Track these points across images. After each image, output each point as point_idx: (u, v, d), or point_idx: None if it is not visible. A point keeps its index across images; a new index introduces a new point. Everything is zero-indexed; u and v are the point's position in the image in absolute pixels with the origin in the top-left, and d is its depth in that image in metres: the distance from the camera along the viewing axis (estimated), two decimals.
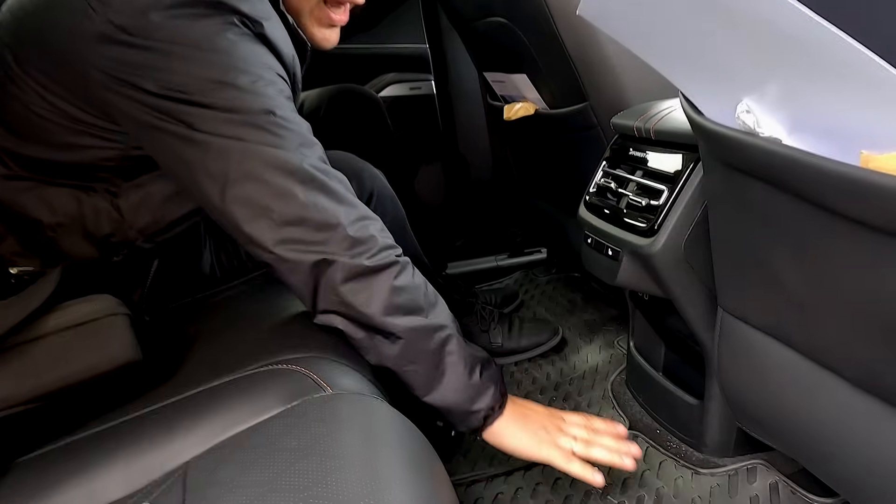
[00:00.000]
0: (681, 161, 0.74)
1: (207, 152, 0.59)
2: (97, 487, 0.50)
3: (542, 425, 0.72)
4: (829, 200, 0.39)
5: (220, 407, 0.55)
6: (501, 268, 1.61)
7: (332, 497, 0.41)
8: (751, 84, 0.44)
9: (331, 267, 0.61)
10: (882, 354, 0.46)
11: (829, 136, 0.41)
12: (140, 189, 0.69)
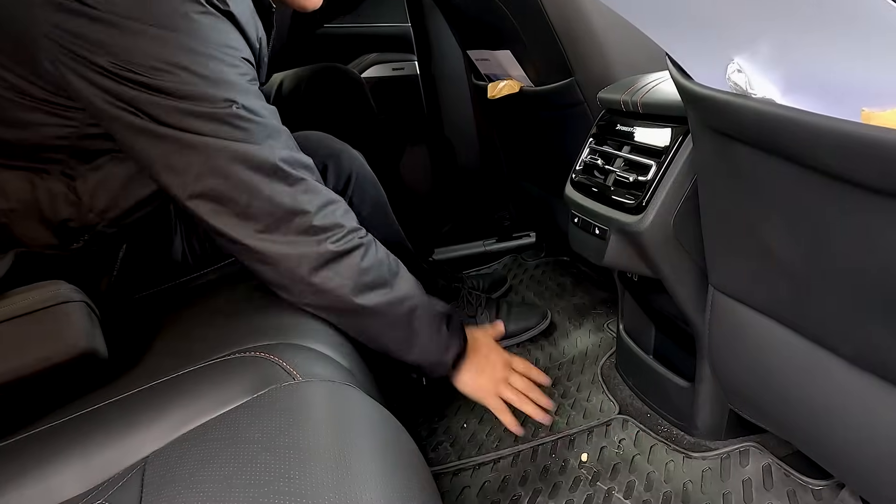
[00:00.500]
0: (669, 134, 0.71)
1: (169, 147, 0.58)
2: (53, 485, 0.47)
3: (492, 377, 0.80)
4: (826, 162, 0.36)
5: (184, 398, 0.52)
6: (490, 253, 1.58)
7: (295, 492, 0.38)
8: (742, 41, 0.41)
9: (299, 256, 0.62)
10: (882, 327, 0.44)
11: (828, 94, 0.38)
12: (99, 171, 0.65)
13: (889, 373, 0.47)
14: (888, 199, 0.34)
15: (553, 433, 0.91)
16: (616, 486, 0.80)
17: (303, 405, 0.47)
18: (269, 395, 0.49)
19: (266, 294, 0.70)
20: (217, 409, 0.49)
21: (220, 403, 0.50)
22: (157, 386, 0.54)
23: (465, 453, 0.90)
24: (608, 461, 0.84)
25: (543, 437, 0.90)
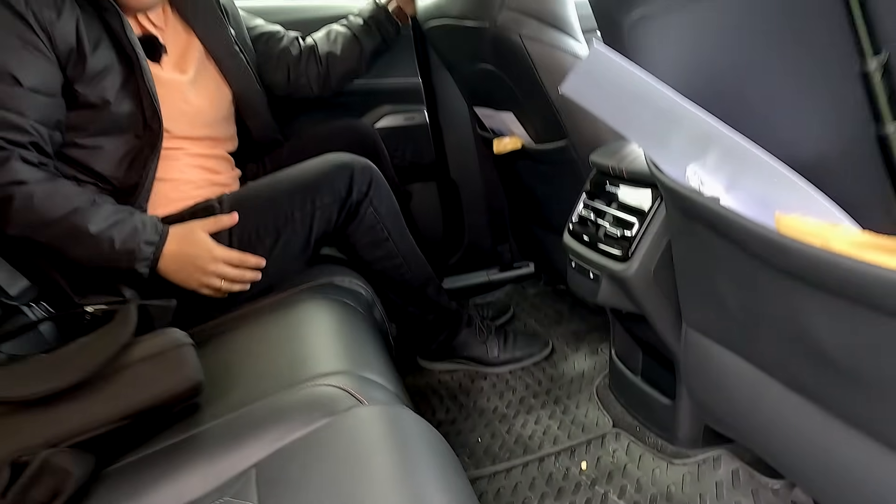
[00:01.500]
0: (650, 197, 0.87)
1: None
2: (181, 488, 0.61)
3: (199, 264, 0.95)
4: (750, 248, 0.52)
5: (276, 418, 0.66)
6: (493, 282, 1.74)
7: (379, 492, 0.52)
8: (694, 156, 0.58)
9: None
10: (805, 364, 0.59)
11: (756, 197, 0.55)
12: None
13: (814, 398, 0.63)
14: (792, 277, 0.50)
15: (556, 445, 1.06)
16: (611, 490, 0.95)
17: (373, 425, 0.62)
18: (346, 417, 0.64)
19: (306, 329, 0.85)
20: (306, 427, 0.64)
21: (307, 423, 0.64)
22: (253, 409, 0.68)
23: (481, 464, 1.05)
24: (604, 468, 0.99)
25: (548, 449, 1.05)
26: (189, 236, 0.97)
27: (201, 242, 0.97)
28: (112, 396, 0.62)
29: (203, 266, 0.96)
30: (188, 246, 0.96)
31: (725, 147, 0.49)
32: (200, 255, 0.96)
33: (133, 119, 0.98)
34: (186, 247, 0.96)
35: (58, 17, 0.90)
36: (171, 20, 1.11)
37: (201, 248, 0.96)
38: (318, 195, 1.02)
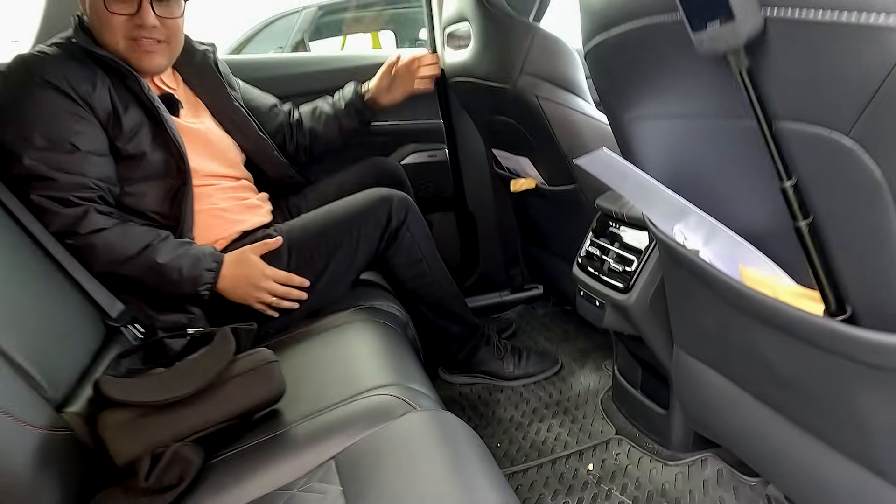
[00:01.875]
0: (647, 239, 1.04)
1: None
2: (274, 475, 0.77)
3: (253, 283, 1.12)
4: (720, 293, 0.69)
5: (345, 422, 0.82)
6: (505, 302, 1.91)
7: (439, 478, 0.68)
8: (677, 217, 0.75)
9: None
10: (768, 384, 0.76)
11: (725, 252, 0.72)
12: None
13: (780, 409, 0.79)
14: (751, 316, 0.67)
15: (566, 449, 1.22)
16: (614, 487, 1.11)
17: (426, 427, 0.78)
18: (403, 420, 0.80)
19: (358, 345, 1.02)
20: (371, 428, 0.80)
21: (371, 425, 0.80)
22: (325, 414, 0.85)
23: (501, 465, 1.21)
24: (608, 469, 1.15)
25: (559, 453, 1.22)
26: (242, 258, 1.14)
27: (253, 263, 1.13)
28: (221, 402, 0.79)
29: (256, 283, 1.12)
30: (242, 267, 1.13)
31: (697, 217, 0.66)
32: (253, 273, 1.13)
33: (166, 165, 1.13)
34: (240, 268, 1.13)
35: (94, 89, 1.06)
36: (179, 81, 1.29)
37: (253, 268, 1.13)
38: (362, 225, 1.20)
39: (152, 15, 1.09)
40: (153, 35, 1.11)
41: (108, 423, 0.75)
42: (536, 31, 1.21)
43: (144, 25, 1.09)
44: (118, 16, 1.08)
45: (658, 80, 0.61)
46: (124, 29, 1.09)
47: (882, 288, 0.51)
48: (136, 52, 1.11)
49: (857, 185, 0.46)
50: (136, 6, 1.08)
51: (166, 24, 1.12)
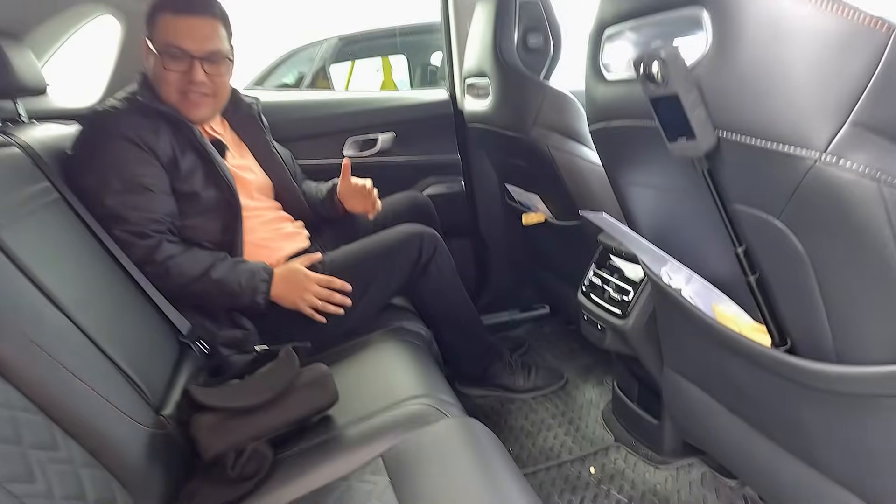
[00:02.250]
0: (642, 272, 1.21)
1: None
2: (333, 468, 0.93)
3: (301, 287, 1.28)
4: (697, 325, 0.86)
5: (387, 426, 0.99)
6: (514, 321, 2.08)
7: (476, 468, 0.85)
8: (662, 262, 0.92)
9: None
10: (739, 400, 0.93)
11: (702, 290, 0.89)
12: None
13: (746, 419, 0.96)
14: (720, 346, 0.84)
15: (571, 455, 1.39)
16: (613, 488, 1.27)
17: (457, 431, 0.95)
18: (437, 425, 0.96)
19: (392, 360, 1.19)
20: (410, 431, 0.96)
21: (410, 429, 0.97)
22: (370, 419, 1.02)
23: None
24: (608, 472, 1.32)
25: (565, 458, 1.38)
26: (290, 268, 1.31)
27: (299, 270, 1.30)
28: (289, 407, 0.96)
29: (303, 287, 1.29)
30: (290, 274, 1.30)
31: (676, 264, 0.84)
32: (300, 279, 1.29)
33: (218, 201, 1.31)
34: (289, 275, 1.30)
35: (157, 138, 1.24)
36: (227, 126, 1.47)
37: (300, 275, 1.30)
38: (396, 258, 1.37)
39: (201, 72, 1.27)
40: (201, 89, 1.29)
41: (200, 424, 0.92)
42: (548, 89, 1.39)
43: (194, 81, 1.27)
44: (174, 72, 1.27)
45: (643, 162, 0.79)
46: (178, 83, 1.27)
47: (811, 327, 0.68)
48: (186, 103, 1.29)
49: (788, 253, 0.63)
50: (188, 65, 1.27)
51: (213, 80, 1.30)
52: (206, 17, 1.28)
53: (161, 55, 1.24)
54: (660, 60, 0.59)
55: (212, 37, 1.28)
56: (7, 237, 0.86)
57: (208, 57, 1.27)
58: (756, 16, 0.55)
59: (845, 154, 0.53)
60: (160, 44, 1.25)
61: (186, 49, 1.25)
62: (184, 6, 1.26)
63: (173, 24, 1.25)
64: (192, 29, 1.26)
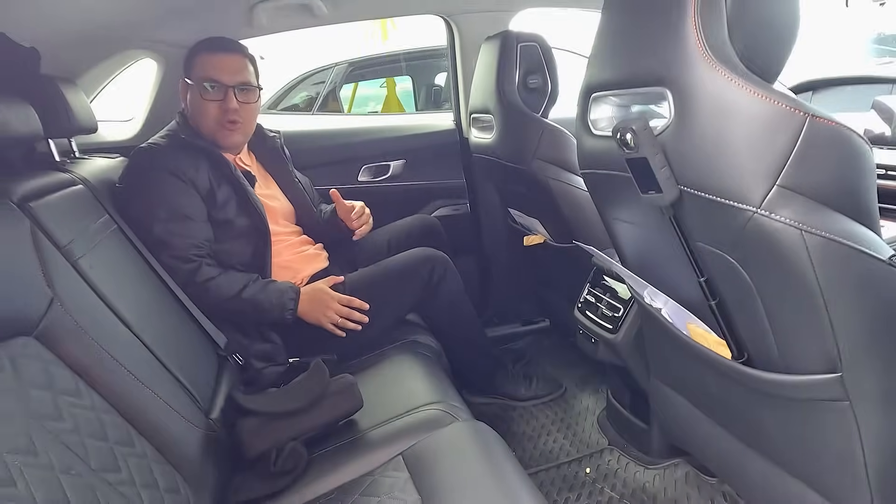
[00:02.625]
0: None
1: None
2: (359, 465, 1.07)
3: (324, 305, 1.42)
4: (675, 341, 1.01)
5: (407, 428, 1.13)
6: (516, 334, 2.22)
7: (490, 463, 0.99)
8: (644, 286, 1.07)
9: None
10: (713, 405, 1.07)
11: (677, 311, 1.03)
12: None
13: (720, 423, 1.10)
14: (694, 358, 0.98)
15: (568, 457, 1.53)
16: (606, 486, 1.41)
17: (467, 433, 1.09)
18: (450, 428, 1.10)
19: (407, 371, 1.33)
20: (426, 433, 1.10)
21: (426, 431, 1.10)
22: (391, 422, 1.16)
23: None
24: (602, 472, 1.45)
25: (563, 459, 1.52)
26: (315, 287, 1.46)
27: (324, 290, 1.45)
28: (321, 413, 1.11)
29: (326, 303, 1.43)
30: (315, 294, 1.44)
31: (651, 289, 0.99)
32: (324, 298, 1.43)
33: (249, 227, 1.46)
34: (315, 294, 1.44)
35: (196, 171, 1.40)
36: (253, 159, 1.63)
37: (324, 293, 1.44)
38: (409, 280, 1.52)
39: (234, 100, 1.43)
40: (234, 117, 1.45)
41: (245, 426, 1.06)
42: (546, 126, 1.54)
43: (229, 108, 1.43)
44: (211, 102, 1.43)
45: (624, 203, 0.94)
46: (214, 113, 1.43)
47: (762, 343, 0.82)
48: (222, 131, 1.45)
49: (739, 284, 0.78)
50: (223, 94, 1.43)
51: (244, 108, 1.46)
52: (237, 55, 1.46)
53: (199, 88, 1.41)
54: (632, 131, 0.74)
55: (242, 70, 1.45)
56: (85, 266, 1.01)
57: (240, 86, 1.44)
58: (706, 98, 0.70)
59: (775, 209, 0.67)
60: (198, 79, 1.42)
61: (221, 80, 1.42)
62: (218, 46, 1.45)
63: (210, 61, 1.43)
64: (226, 63, 1.43)
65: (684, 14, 0.71)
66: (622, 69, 0.84)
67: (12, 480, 0.66)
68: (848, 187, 0.68)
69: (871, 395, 0.75)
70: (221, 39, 1.47)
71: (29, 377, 0.79)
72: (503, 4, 1.91)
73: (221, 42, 1.46)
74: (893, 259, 0.68)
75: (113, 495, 0.79)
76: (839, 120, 0.67)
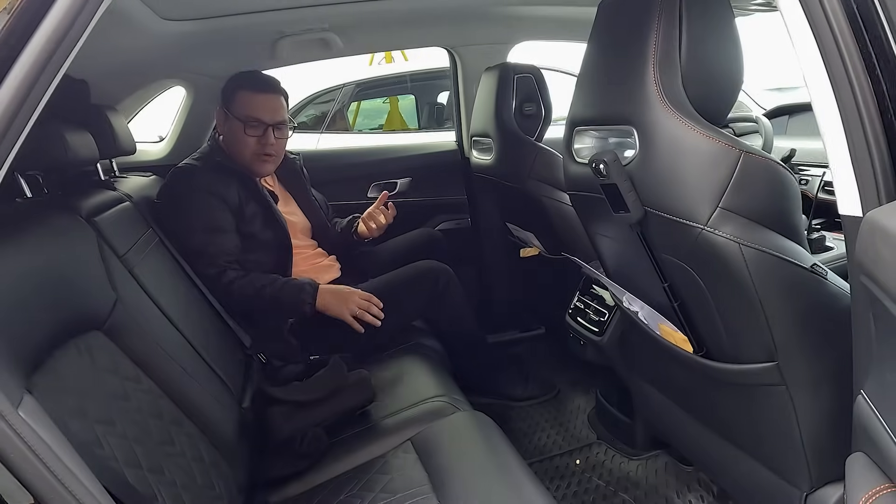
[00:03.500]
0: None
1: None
2: (372, 448, 1.22)
3: (340, 305, 1.54)
4: (650, 340, 1.16)
5: (415, 417, 1.28)
6: (514, 339, 2.37)
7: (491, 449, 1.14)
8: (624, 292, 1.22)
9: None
10: (686, 397, 1.22)
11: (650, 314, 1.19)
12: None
13: (694, 415, 1.25)
14: (667, 354, 1.14)
15: (560, 450, 1.68)
16: (594, 475, 1.56)
17: (469, 422, 1.23)
18: (453, 417, 1.25)
19: (415, 369, 1.49)
20: (432, 422, 1.25)
21: (432, 420, 1.25)
22: (401, 412, 1.31)
23: None
24: (591, 463, 1.60)
25: (555, 452, 1.67)
26: (338, 285, 1.61)
27: (346, 287, 1.60)
28: (341, 402, 1.26)
29: (348, 297, 1.56)
30: (338, 290, 1.58)
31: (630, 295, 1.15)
32: (346, 293, 1.57)
33: (273, 240, 1.62)
34: (337, 290, 1.58)
35: (227, 189, 1.56)
36: (275, 179, 1.80)
37: (346, 290, 1.58)
38: (415, 290, 1.67)
39: (273, 137, 1.60)
40: (271, 151, 1.61)
41: (275, 413, 1.22)
42: (540, 149, 1.71)
43: (267, 143, 1.60)
44: (252, 137, 1.59)
45: (603, 220, 1.10)
46: (253, 147, 1.60)
47: (716, 338, 0.98)
48: (258, 162, 1.62)
49: (695, 288, 0.94)
50: (263, 131, 1.59)
51: (279, 143, 1.63)
52: (276, 95, 1.63)
53: (240, 123, 1.57)
54: (604, 162, 0.90)
55: (279, 109, 1.62)
56: (139, 273, 1.17)
57: (278, 125, 1.60)
58: (664, 136, 0.87)
59: (718, 227, 0.83)
60: (240, 115, 1.58)
61: (263, 119, 1.59)
62: (261, 86, 1.62)
63: (253, 100, 1.59)
64: (267, 104, 1.60)
65: (646, 64, 0.88)
66: (598, 108, 1.00)
67: (100, 443, 0.81)
68: (776, 209, 0.84)
69: (802, 380, 0.90)
70: (262, 79, 1.64)
71: (102, 364, 0.95)
72: (501, 38, 2.09)
73: (263, 82, 1.63)
74: (814, 267, 0.84)
75: (171, 465, 0.95)
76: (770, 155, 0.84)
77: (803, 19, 0.70)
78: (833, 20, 0.67)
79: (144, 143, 2.06)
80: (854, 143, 0.67)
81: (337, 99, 3.78)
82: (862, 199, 0.67)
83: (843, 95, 0.67)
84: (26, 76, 0.57)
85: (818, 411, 0.91)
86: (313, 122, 3.90)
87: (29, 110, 0.59)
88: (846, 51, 0.67)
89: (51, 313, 0.86)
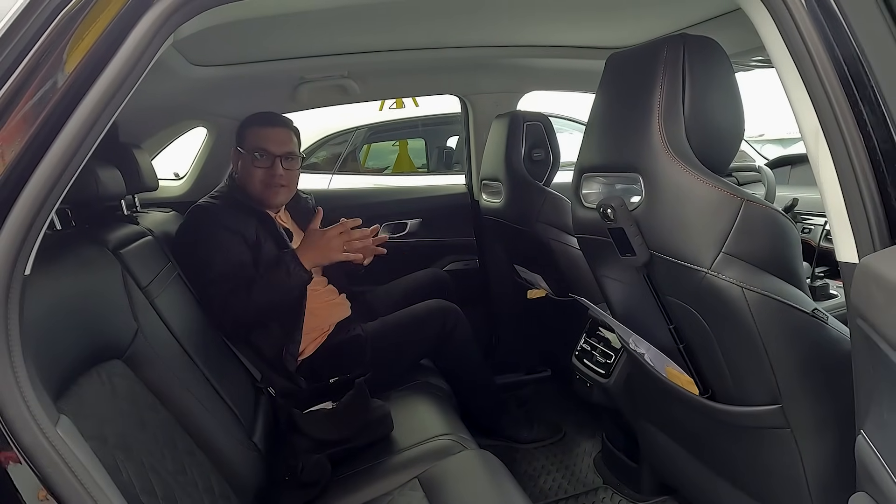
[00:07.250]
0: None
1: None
2: (380, 485, 1.23)
3: (322, 244, 1.54)
4: (657, 382, 1.18)
5: (422, 454, 1.28)
6: (520, 381, 2.37)
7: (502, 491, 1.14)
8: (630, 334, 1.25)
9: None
10: (690, 441, 1.23)
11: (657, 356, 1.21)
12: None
13: (699, 459, 1.25)
14: (672, 396, 1.15)
15: (566, 494, 1.66)
16: None
17: (476, 461, 1.24)
18: (460, 455, 1.26)
19: (423, 407, 1.50)
20: (439, 460, 1.26)
21: (439, 458, 1.26)
22: (409, 449, 1.31)
23: None
24: None
25: (560, 496, 1.65)
26: (305, 240, 1.60)
27: (314, 232, 1.57)
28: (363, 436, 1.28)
29: (322, 242, 1.54)
30: (308, 240, 1.56)
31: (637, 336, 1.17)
32: (316, 238, 1.55)
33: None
34: (308, 242, 1.56)
35: (245, 227, 1.61)
36: (289, 217, 1.85)
37: (315, 235, 1.56)
38: (423, 330, 1.70)
39: (280, 167, 1.66)
40: (280, 181, 1.67)
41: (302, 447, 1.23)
42: (548, 193, 1.76)
43: (275, 174, 1.66)
44: (260, 168, 1.65)
45: (610, 263, 1.14)
46: (263, 177, 1.66)
47: (722, 380, 1.00)
48: (268, 192, 1.68)
49: (700, 330, 0.97)
50: (271, 162, 1.66)
51: (288, 173, 1.69)
52: (284, 129, 1.70)
53: (250, 156, 1.64)
54: (611, 207, 0.95)
55: (287, 142, 1.69)
56: (159, 305, 1.21)
57: (286, 156, 1.67)
58: (668, 184, 0.91)
59: (721, 271, 0.87)
60: (250, 148, 1.65)
61: (270, 150, 1.65)
62: (268, 121, 1.70)
63: (261, 133, 1.66)
64: (275, 136, 1.67)
65: (651, 116, 0.93)
66: (606, 156, 1.06)
67: (119, 470, 0.83)
68: (777, 255, 0.88)
69: (806, 423, 0.91)
70: (270, 115, 1.72)
71: (122, 392, 0.98)
72: (511, 87, 2.18)
73: (270, 117, 1.71)
74: (815, 312, 0.87)
75: (183, 495, 0.96)
76: (770, 203, 0.88)
77: (797, 77, 0.75)
78: (825, 79, 0.72)
79: (164, 179, 2.13)
80: (848, 193, 0.71)
81: (349, 141, 3.89)
82: (858, 247, 0.71)
83: (837, 149, 0.72)
84: (84, 122, 0.63)
85: (822, 454, 0.92)
86: (325, 163, 4.01)
87: (84, 153, 0.64)
88: (838, 107, 0.71)
89: (78, 340, 0.90)
